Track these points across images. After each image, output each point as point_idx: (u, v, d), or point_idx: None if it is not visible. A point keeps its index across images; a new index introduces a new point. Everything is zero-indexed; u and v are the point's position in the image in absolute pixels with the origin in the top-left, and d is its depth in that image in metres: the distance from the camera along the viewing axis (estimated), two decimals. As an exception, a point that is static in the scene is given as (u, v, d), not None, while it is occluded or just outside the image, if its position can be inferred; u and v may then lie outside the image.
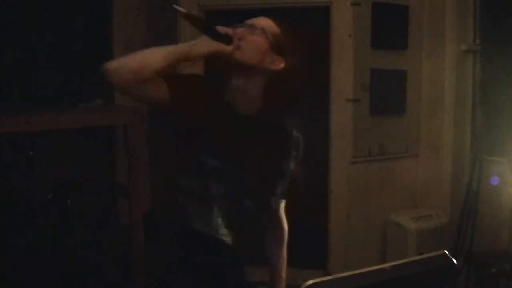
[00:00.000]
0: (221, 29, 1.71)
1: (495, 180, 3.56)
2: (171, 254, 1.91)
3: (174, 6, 1.65)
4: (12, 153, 3.51)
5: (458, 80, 3.82)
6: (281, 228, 2.11)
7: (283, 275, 2.09)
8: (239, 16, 1.82)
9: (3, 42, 3.56)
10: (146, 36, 4.22)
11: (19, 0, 3.67)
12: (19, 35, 3.63)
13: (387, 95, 3.82)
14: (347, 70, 3.67)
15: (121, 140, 3.88)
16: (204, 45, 1.70)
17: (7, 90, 3.55)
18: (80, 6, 3.91)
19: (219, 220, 1.85)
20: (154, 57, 1.66)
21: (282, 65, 1.77)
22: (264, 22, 1.80)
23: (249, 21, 1.81)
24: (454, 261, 1.44)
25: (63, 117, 3.44)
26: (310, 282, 1.24)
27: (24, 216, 3.41)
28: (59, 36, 3.79)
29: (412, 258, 1.46)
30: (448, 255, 1.44)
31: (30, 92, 3.64)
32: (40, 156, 3.61)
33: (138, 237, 3.55)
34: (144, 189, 3.88)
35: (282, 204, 2.06)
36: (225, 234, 1.86)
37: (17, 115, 3.22)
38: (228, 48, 1.70)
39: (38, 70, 3.70)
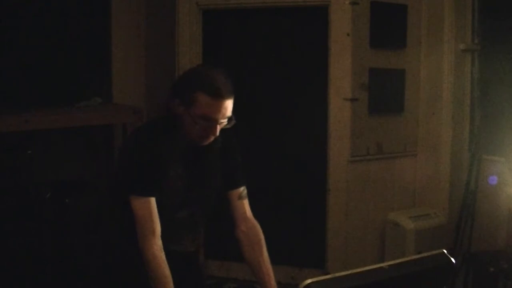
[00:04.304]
0: None
1: (493, 180, 3.56)
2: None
3: None
4: (11, 151, 3.51)
5: (457, 79, 3.82)
6: (253, 230, 2.10)
7: (271, 273, 2.05)
8: (238, 16, 1.81)
9: (3, 42, 3.56)
10: (145, 36, 4.22)
11: (19, 0, 3.67)
12: (19, 35, 3.63)
13: (385, 94, 3.82)
14: (346, 69, 3.67)
15: (119, 139, 3.88)
16: None
17: (7, 89, 3.56)
18: (80, 6, 3.91)
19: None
20: None
21: None
22: None
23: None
24: (453, 260, 1.44)
25: (62, 116, 3.44)
26: (309, 281, 1.25)
27: (22, 214, 3.41)
28: (59, 35, 3.79)
29: (410, 257, 1.47)
30: (447, 254, 1.44)
31: (30, 92, 3.65)
32: (39, 155, 3.61)
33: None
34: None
35: (246, 205, 2.11)
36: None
37: (16, 114, 3.22)
38: None
39: (37, 70, 3.71)
